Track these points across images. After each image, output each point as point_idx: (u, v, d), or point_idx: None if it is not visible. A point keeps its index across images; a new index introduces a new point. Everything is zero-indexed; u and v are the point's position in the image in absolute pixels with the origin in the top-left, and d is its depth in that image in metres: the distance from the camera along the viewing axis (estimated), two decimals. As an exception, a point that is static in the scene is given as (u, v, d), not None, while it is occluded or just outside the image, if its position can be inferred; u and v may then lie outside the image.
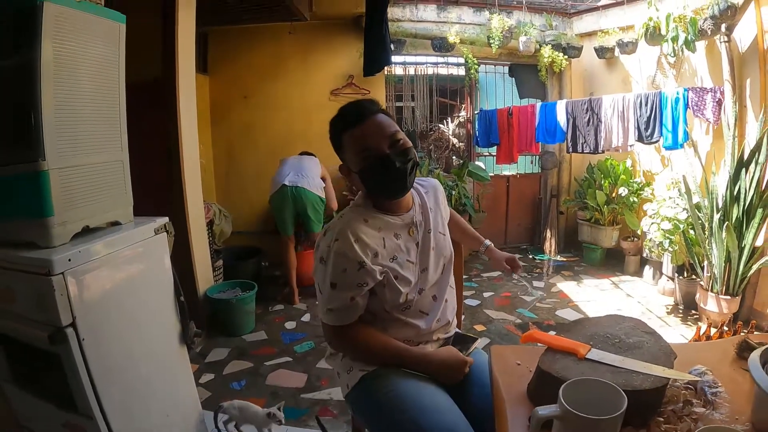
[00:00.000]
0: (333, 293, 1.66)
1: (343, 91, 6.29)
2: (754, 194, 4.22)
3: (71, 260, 1.80)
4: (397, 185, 1.73)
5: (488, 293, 5.54)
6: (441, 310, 1.88)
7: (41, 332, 1.77)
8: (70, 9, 1.92)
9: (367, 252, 1.65)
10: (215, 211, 4.99)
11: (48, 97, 1.80)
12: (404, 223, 1.80)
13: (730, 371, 1.30)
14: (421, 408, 1.60)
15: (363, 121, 1.71)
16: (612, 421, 1.01)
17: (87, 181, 2.03)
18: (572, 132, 5.98)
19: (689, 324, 4.67)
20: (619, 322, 1.55)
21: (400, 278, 1.73)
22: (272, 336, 4.40)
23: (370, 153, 1.68)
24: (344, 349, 1.83)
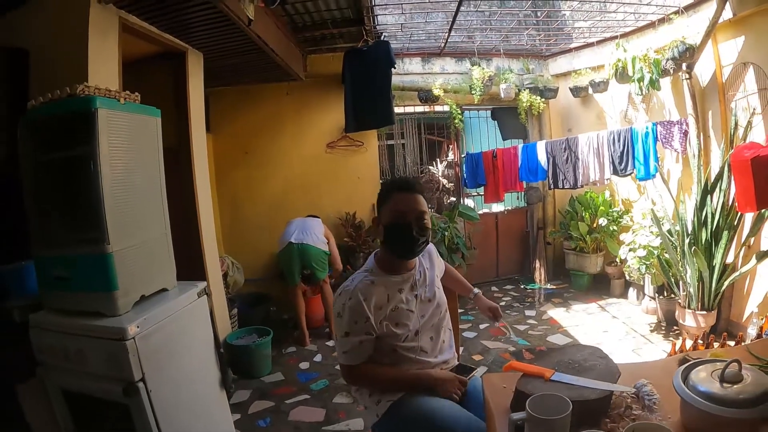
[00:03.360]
0: (346, 339, 2.11)
1: (338, 144, 6.65)
2: (720, 217, 4.60)
3: (139, 327, 2.18)
4: (406, 250, 2.18)
5: (484, 325, 5.85)
6: (439, 348, 2.32)
7: (115, 387, 2.13)
8: (117, 111, 2.31)
9: (371, 309, 2.09)
10: (228, 263, 5.33)
11: (107, 187, 2.19)
12: (405, 280, 2.24)
13: (668, 383, 1.64)
14: (444, 416, 2.05)
15: (409, 191, 2.17)
16: (560, 421, 1.42)
17: (141, 256, 2.40)
18: (553, 170, 6.37)
19: (671, 339, 4.99)
20: (580, 350, 1.99)
21: (400, 324, 2.16)
22: (289, 376, 4.69)
23: (402, 216, 2.13)
24: (358, 383, 2.27)
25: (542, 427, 1.44)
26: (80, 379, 2.27)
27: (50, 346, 2.30)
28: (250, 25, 3.68)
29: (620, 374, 1.78)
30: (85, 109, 2.16)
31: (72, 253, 2.27)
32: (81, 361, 2.23)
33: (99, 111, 2.17)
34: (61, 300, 2.35)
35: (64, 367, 2.28)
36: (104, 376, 2.20)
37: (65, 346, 2.24)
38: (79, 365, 2.24)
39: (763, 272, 4.61)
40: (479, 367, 2.52)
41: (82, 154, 2.17)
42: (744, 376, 1.50)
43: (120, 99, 2.36)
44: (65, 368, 2.28)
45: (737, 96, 4.64)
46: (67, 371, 2.29)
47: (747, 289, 4.85)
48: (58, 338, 2.28)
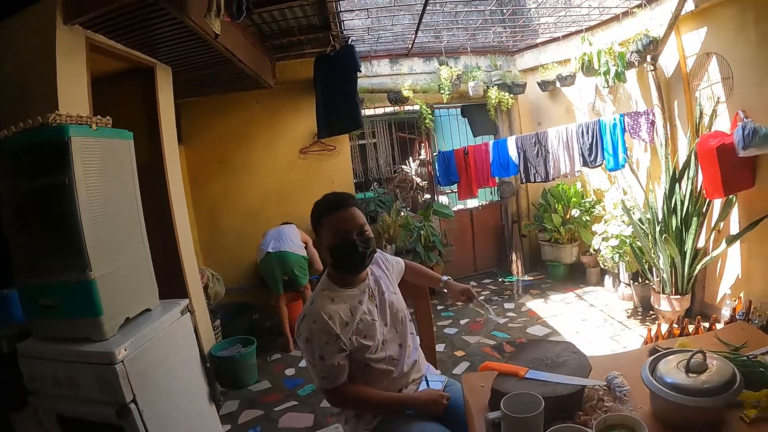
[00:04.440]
0: (322, 363, 2.07)
1: (311, 149, 6.69)
2: (689, 204, 4.73)
3: (127, 350, 2.21)
4: (356, 264, 2.19)
5: (464, 320, 5.94)
6: (408, 354, 2.35)
7: (108, 410, 2.17)
8: (90, 138, 2.34)
9: (338, 326, 2.08)
10: (208, 275, 5.33)
11: (85, 213, 2.21)
12: (362, 291, 2.26)
13: (638, 373, 1.69)
14: None
15: (341, 209, 2.16)
16: (533, 418, 1.49)
17: (123, 278, 2.43)
18: (524, 164, 6.46)
19: (647, 324, 5.11)
20: (554, 347, 2.05)
21: (369, 336, 2.18)
22: (276, 384, 4.73)
23: (342, 235, 2.13)
24: (344, 405, 2.27)
25: (517, 425, 1.51)
26: (73, 405, 2.30)
27: (41, 374, 2.33)
28: (217, 38, 3.69)
29: (591, 368, 1.85)
30: (58, 138, 2.18)
31: (55, 280, 2.29)
32: (73, 387, 2.26)
33: (72, 139, 2.20)
34: (48, 328, 2.38)
35: (56, 394, 2.31)
36: (97, 400, 2.23)
37: (56, 373, 2.27)
38: (71, 391, 2.27)
39: (734, 255, 4.74)
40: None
41: (58, 182, 2.19)
42: (709, 366, 1.58)
43: (92, 125, 2.38)
44: (58, 395, 2.31)
45: (702, 85, 4.74)
46: (60, 397, 2.32)
47: (719, 272, 4.97)
48: (48, 366, 2.30)
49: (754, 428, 1.52)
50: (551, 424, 1.52)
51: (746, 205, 4.52)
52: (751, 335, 2.12)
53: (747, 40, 4.17)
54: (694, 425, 1.55)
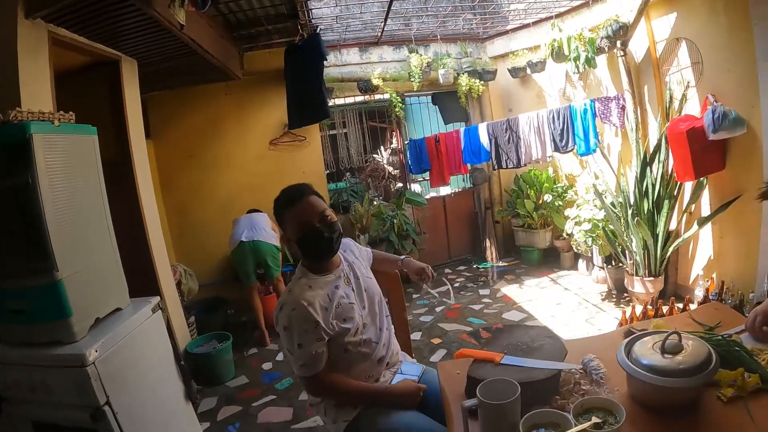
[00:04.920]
0: (300, 351, 2.07)
1: (281, 140, 6.63)
2: (660, 187, 4.77)
3: (98, 351, 2.16)
4: (326, 250, 2.21)
5: (440, 308, 5.94)
6: (385, 337, 2.38)
7: (82, 414, 2.12)
8: (53, 134, 2.27)
9: (318, 312, 2.08)
10: (181, 271, 5.26)
11: (50, 213, 2.14)
12: (338, 277, 2.27)
13: (614, 356, 1.69)
14: (406, 431, 2.09)
15: (300, 201, 2.18)
16: (510, 404, 1.48)
17: (92, 278, 2.37)
18: (495, 151, 6.48)
19: (622, 306, 5.20)
20: (528, 331, 2.04)
21: (348, 319, 2.19)
22: (253, 379, 4.68)
23: (306, 226, 2.15)
24: (322, 394, 2.26)
25: (493, 412, 1.50)
26: (48, 410, 2.25)
27: (14, 381, 2.27)
28: (183, 29, 3.62)
29: (567, 352, 1.85)
30: (19, 136, 2.11)
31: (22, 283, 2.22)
32: (47, 392, 2.20)
33: (34, 137, 2.12)
34: (17, 332, 2.30)
35: (31, 400, 2.25)
36: (71, 404, 2.18)
37: (29, 378, 2.21)
38: (45, 396, 2.21)
39: (706, 237, 4.81)
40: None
41: (21, 182, 2.12)
42: (684, 346, 1.58)
43: (54, 121, 2.32)
44: (32, 401, 2.25)
45: (671, 70, 4.79)
46: (35, 403, 2.26)
47: (691, 253, 5.04)
48: (20, 372, 2.24)
49: (731, 407, 1.54)
50: (528, 410, 1.52)
51: (717, 187, 4.58)
52: (724, 315, 2.14)
53: (717, 24, 4.21)
54: (671, 406, 1.56)
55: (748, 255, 4.28)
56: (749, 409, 1.51)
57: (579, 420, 1.48)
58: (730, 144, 4.27)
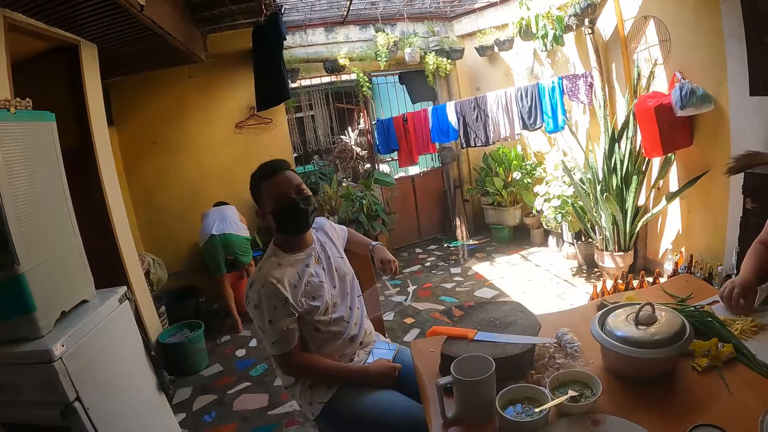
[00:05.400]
0: (272, 328, 2.07)
1: (247, 123, 6.52)
2: (629, 163, 4.81)
3: (64, 345, 2.07)
4: (300, 222, 2.20)
5: (412, 287, 5.97)
6: (357, 316, 2.38)
7: (52, 411, 2.04)
8: (9, 122, 2.16)
9: (287, 288, 2.08)
10: (149, 261, 5.17)
11: (8, 204, 2.04)
12: (308, 255, 2.26)
13: (588, 329, 1.71)
14: (382, 411, 2.09)
15: (277, 174, 2.18)
16: (485, 380, 1.48)
17: (55, 270, 2.28)
18: (464, 129, 6.47)
19: (592, 282, 5.25)
20: (501, 307, 2.05)
21: (317, 298, 2.18)
22: (227, 366, 4.65)
23: (282, 198, 2.14)
24: (296, 373, 2.25)
25: (468, 389, 1.50)
26: (19, 410, 2.15)
27: (-16, 382, 2.18)
28: (143, 10, 3.52)
29: (541, 326, 1.85)
30: (-27, 125, 2.01)
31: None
32: (14, 392, 2.12)
33: (-13, 125, 2.03)
34: (-20, 332, 2.22)
35: (1, 401, 2.17)
36: (41, 402, 2.10)
37: (-2, 379, 2.14)
38: (13, 396, 2.13)
39: (674, 212, 4.87)
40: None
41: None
42: (658, 317, 1.60)
43: (10, 108, 2.23)
44: (2, 401, 2.16)
45: (639, 48, 4.79)
46: (5, 404, 2.16)
47: (660, 228, 5.11)
48: (-13, 372, 2.16)
49: (706, 377, 1.56)
50: (504, 385, 1.52)
51: (685, 162, 4.62)
52: (695, 287, 2.17)
53: (685, 3, 4.20)
54: (646, 377, 1.57)
55: (715, 229, 4.34)
56: (724, 378, 1.53)
57: (555, 393, 1.49)
58: (697, 120, 4.30)
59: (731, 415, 1.37)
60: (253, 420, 3.72)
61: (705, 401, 1.46)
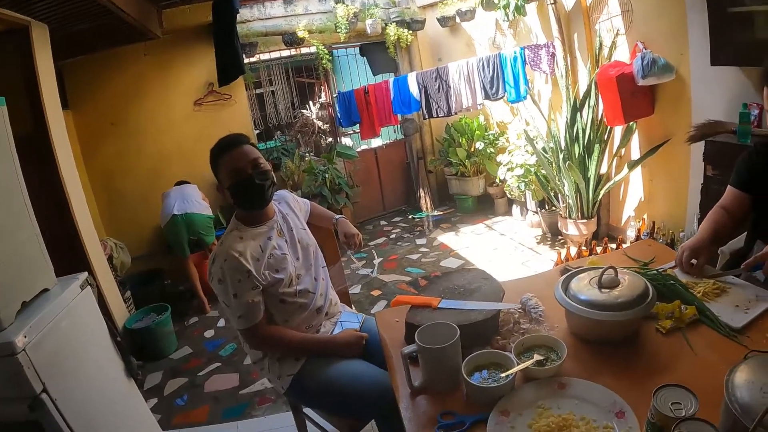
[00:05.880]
0: (237, 302, 2.06)
1: (206, 100, 6.40)
2: (591, 132, 4.84)
3: (27, 336, 2.00)
4: (257, 198, 2.18)
5: (378, 260, 5.98)
6: (322, 286, 2.39)
7: (20, 406, 1.98)
8: None
9: (249, 261, 2.07)
10: (111, 245, 5.08)
11: None
12: (270, 228, 2.25)
13: (552, 294, 1.72)
14: (350, 380, 2.11)
15: (234, 149, 2.15)
16: (450, 347, 1.49)
17: (12, 261, 2.19)
18: (425, 100, 6.43)
19: (557, 249, 5.33)
20: (464, 275, 2.05)
21: (280, 270, 2.18)
22: (196, 348, 4.60)
23: (238, 173, 2.12)
24: (263, 346, 2.25)
25: (433, 356, 1.50)
26: None
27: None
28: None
29: (505, 292, 1.87)
30: None
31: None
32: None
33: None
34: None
35: None
36: (7, 398, 2.02)
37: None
38: (-18, 394, 2.07)
39: (636, 179, 4.93)
40: None
41: None
42: (620, 281, 1.62)
43: (-44, 93, 2.15)
44: None
45: (601, 18, 4.79)
46: None
47: (622, 195, 5.18)
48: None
49: (671, 338, 1.59)
50: (469, 352, 1.53)
51: (646, 131, 4.66)
52: (657, 251, 2.22)
53: (647, -28, 4.21)
54: (611, 339, 1.59)
55: (677, 196, 4.40)
56: (688, 339, 1.56)
57: (521, 358, 1.50)
58: (658, 90, 4.34)
59: (696, 374, 1.40)
60: (224, 401, 3.70)
61: (670, 362, 1.49)
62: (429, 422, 1.41)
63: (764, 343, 1.49)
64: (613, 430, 1.26)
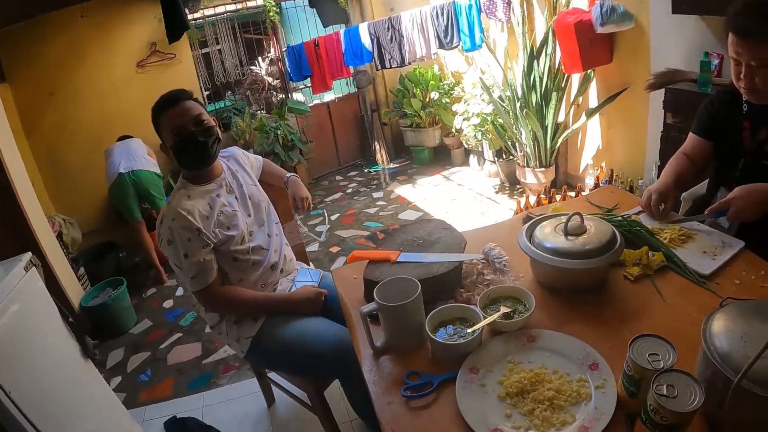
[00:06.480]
0: (188, 262, 2.00)
1: (149, 61, 6.12)
2: (548, 80, 4.78)
3: None
4: (201, 156, 2.10)
5: (335, 215, 5.94)
6: (276, 243, 2.34)
7: None
8: None
9: (198, 219, 2.01)
10: (59, 222, 4.85)
11: None
12: (219, 186, 2.19)
13: (516, 242, 1.66)
14: (310, 339, 2.08)
15: (175, 106, 2.06)
16: (411, 304, 1.41)
17: None
18: (378, 51, 6.27)
19: (515, 198, 5.32)
20: (424, 225, 1.98)
21: (231, 227, 2.13)
22: (156, 320, 4.48)
23: (180, 131, 2.04)
24: (219, 307, 2.19)
25: (394, 314, 1.44)
26: None
27: None
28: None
29: (466, 242, 1.80)
30: None
31: None
32: None
33: None
34: None
35: None
36: None
37: None
38: None
39: (594, 128, 4.90)
40: None
41: None
42: (587, 227, 1.56)
43: None
44: None
45: (560, -36, 4.68)
46: None
47: (580, 144, 5.16)
48: None
49: (639, 285, 1.57)
50: (433, 307, 1.48)
51: (604, 79, 4.62)
52: (620, 197, 2.18)
53: None
54: (579, 288, 1.56)
55: (635, 144, 4.40)
56: (657, 286, 1.54)
57: (487, 311, 1.46)
58: (617, 38, 4.28)
59: (668, 322, 1.38)
60: (188, 372, 3.62)
61: (640, 310, 1.46)
62: (395, 384, 1.35)
63: (734, 290, 1.48)
64: (587, 382, 1.22)
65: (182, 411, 3.10)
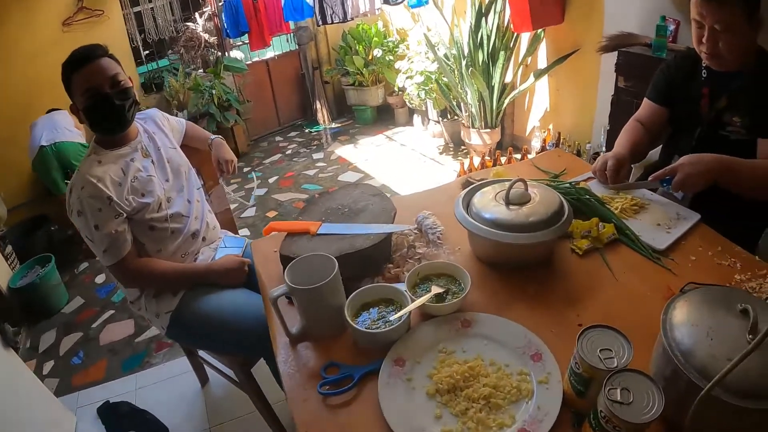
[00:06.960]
0: (99, 234, 1.83)
1: (76, 19, 5.68)
2: (496, 39, 4.63)
3: None
4: (116, 120, 1.90)
5: (273, 178, 5.72)
6: (197, 209, 2.18)
7: None
8: None
9: (109, 187, 1.82)
10: None
11: None
12: (133, 150, 1.98)
13: (453, 211, 1.49)
14: (231, 312, 1.94)
15: (88, 64, 1.85)
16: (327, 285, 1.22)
17: None
18: (319, 5, 5.99)
19: (460, 159, 5.20)
20: (350, 192, 1.77)
21: (146, 193, 1.95)
22: (88, 297, 4.24)
23: (93, 92, 1.83)
24: (136, 281, 2.01)
25: (309, 297, 1.25)
26: None
27: None
28: None
29: (396, 211, 1.60)
30: None
31: None
32: None
33: None
34: None
35: None
36: None
37: None
38: None
39: (542, 89, 4.80)
40: None
41: None
42: (531, 195, 1.41)
43: None
44: None
45: None
46: None
47: (527, 105, 5.07)
48: None
49: (587, 260, 1.43)
50: (357, 285, 1.31)
51: (554, 40, 4.52)
52: (568, 162, 2.04)
53: None
54: (522, 263, 1.41)
55: (584, 107, 4.33)
56: (607, 262, 1.41)
57: (417, 291, 1.30)
58: (569, -2, 4.21)
59: (619, 305, 1.26)
60: (121, 351, 3.43)
61: (589, 289, 1.32)
62: (311, 378, 1.18)
63: (690, 267, 1.37)
64: (528, 376, 1.08)
65: (116, 395, 2.93)
